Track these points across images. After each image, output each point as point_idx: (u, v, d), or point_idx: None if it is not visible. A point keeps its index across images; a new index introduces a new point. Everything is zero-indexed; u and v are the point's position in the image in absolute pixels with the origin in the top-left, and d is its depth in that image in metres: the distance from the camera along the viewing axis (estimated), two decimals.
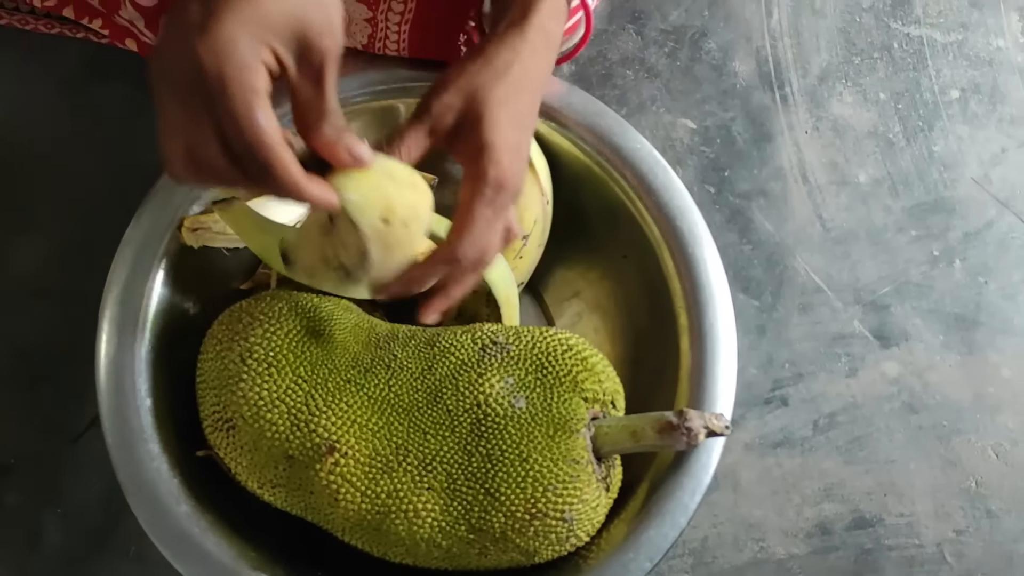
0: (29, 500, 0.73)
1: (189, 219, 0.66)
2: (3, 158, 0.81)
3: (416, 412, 0.59)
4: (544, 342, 0.61)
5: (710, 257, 0.69)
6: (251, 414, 0.58)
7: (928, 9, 0.94)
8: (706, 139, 0.87)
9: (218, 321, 0.63)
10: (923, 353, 0.82)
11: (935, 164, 0.88)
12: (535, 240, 0.72)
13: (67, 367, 0.76)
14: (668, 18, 0.91)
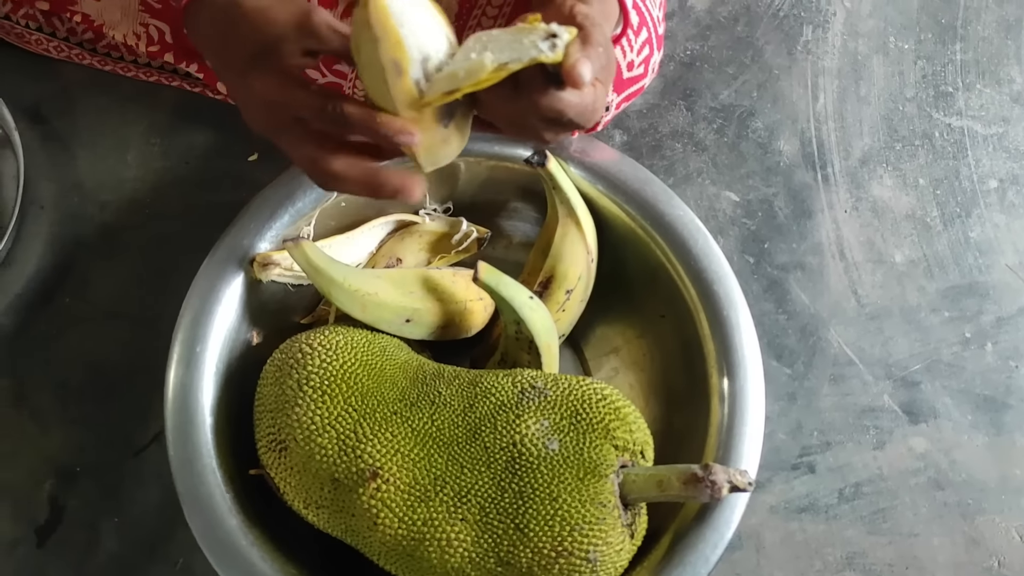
0: (90, 507, 0.77)
1: (260, 255, 0.71)
2: (97, 192, 0.87)
3: (455, 446, 0.62)
4: (580, 390, 0.64)
5: (744, 322, 0.72)
6: (303, 437, 0.62)
7: (970, 102, 0.97)
8: (748, 212, 0.90)
9: (279, 349, 0.68)
10: (951, 431, 0.83)
11: (971, 249, 0.90)
12: (578, 295, 0.75)
13: (135, 385, 0.80)
14: (718, 97, 0.95)
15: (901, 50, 0.98)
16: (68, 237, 0.85)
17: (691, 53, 0.96)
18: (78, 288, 0.84)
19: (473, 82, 0.52)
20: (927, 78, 0.97)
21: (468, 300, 0.73)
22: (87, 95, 0.90)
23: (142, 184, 0.88)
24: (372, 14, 0.51)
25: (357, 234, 0.76)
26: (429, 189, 0.78)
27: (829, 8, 1.00)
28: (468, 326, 0.74)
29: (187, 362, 0.68)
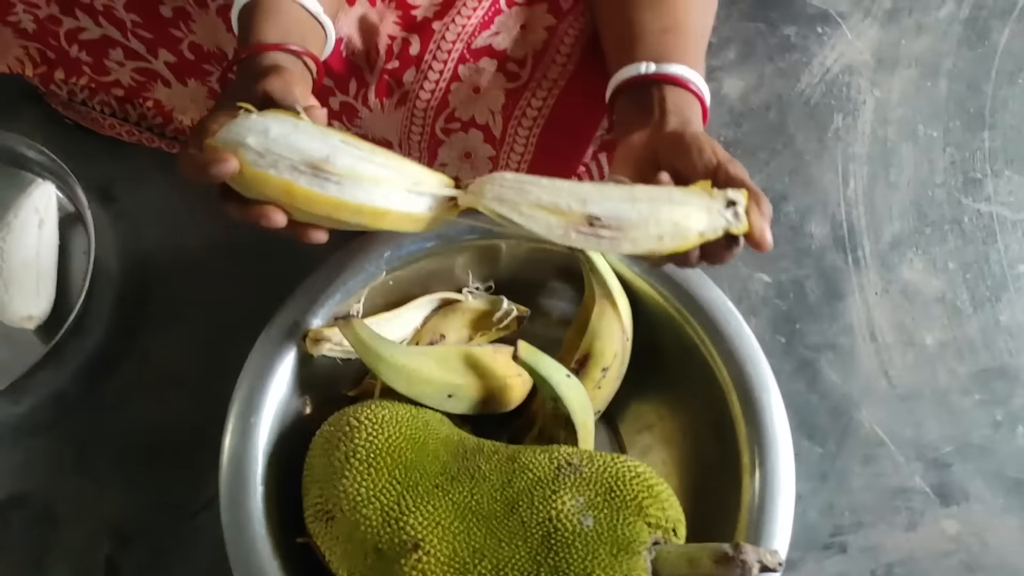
0: (143, 570, 0.79)
1: (313, 331, 0.75)
2: (160, 267, 0.92)
3: (494, 520, 0.64)
4: (614, 467, 0.67)
5: (775, 403, 0.73)
6: (349, 508, 0.65)
7: (999, 188, 0.99)
8: (780, 292, 0.93)
9: (328, 422, 0.71)
10: (983, 514, 0.83)
11: (1001, 333, 0.91)
12: (613, 373, 0.78)
13: (190, 451, 0.83)
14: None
15: (930, 137, 1.01)
16: (132, 309, 0.90)
17: (725, 139, 1.00)
18: (139, 358, 0.88)
19: (673, 250, 0.56)
20: (956, 164, 1.00)
21: (508, 376, 0.76)
22: (155, 175, 0.96)
23: (202, 259, 0.93)
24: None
25: (403, 311, 0.79)
26: (472, 269, 0.82)
27: (859, 97, 1.03)
28: (507, 401, 0.77)
29: (241, 432, 0.71)
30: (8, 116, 0.97)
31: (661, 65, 0.66)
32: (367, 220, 0.57)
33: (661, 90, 0.66)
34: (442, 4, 0.80)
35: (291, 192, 0.55)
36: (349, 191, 0.55)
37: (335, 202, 0.55)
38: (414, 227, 0.59)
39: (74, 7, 0.85)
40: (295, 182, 0.55)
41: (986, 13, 1.09)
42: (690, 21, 0.70)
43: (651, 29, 0.69)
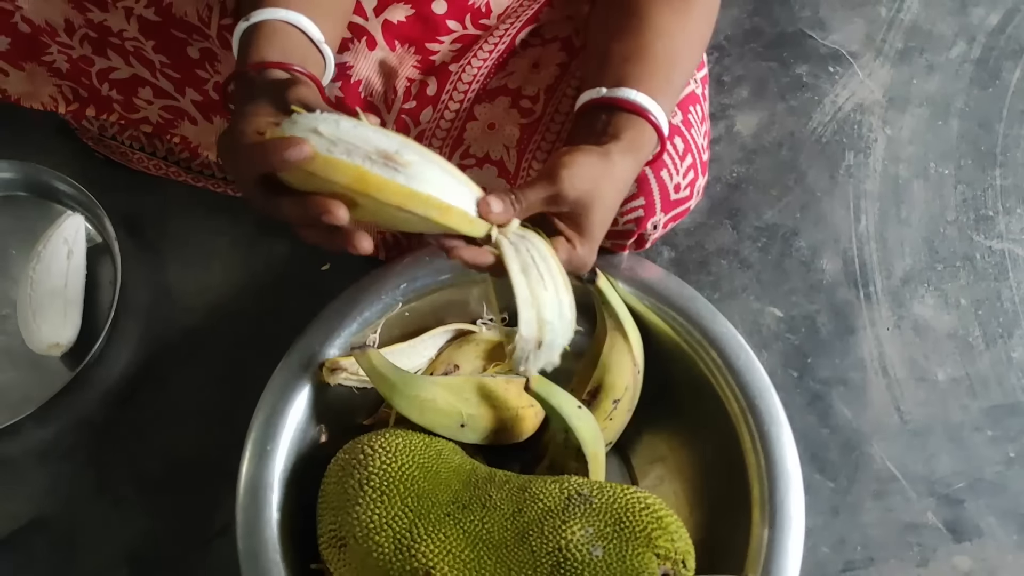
0: None
1: (330, 361, 0.76)
2: (184, 298, 0.94)
3: (504, 549, 0.65)
4: (624, 498, 0.67)
5: (785, 436, 0.74)
6: (362, 535, 0.66)
7: (1011, 226, 0.99)
8: (791, 327, 0.93)
9: (343, 450, 0.72)
10: (996, 551, 0.83)
11: (1013, 369, 0.91)
12: (625, 405, 0.79)
13: (208, 478, 0.85)
14: (763, 217, 0.99)
15: (941, 175, 1.02)
16: (155, 339, 0.92)
17: (737, 175, 1.01)
18: (161, 387, 0.90)
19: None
20: (967, 202, 1.01)
21: (520, 407, 0.77)
22: (180, 209, 0.99)
23: (224, 291, 0.95)
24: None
25: (418, 342, 0.81)
26: (487, 301, 0.83)
27: (871, 135, 1.04)
28: (519, 432, 0.78)
29: (258, 459, 0.73)
30: (41, 150, 1.00)
31: (613, 90, 0.68)
32: (433, 213, 0.56)
33: (609, 115, 0.68)
34: (459, 49, 0.83)
35: (364, 179, 0.54)
36: (418, 183, 0.55)
37: (407, 192, 0.55)
38: (471, 229, 0.59)
39: (106, 48, 0.88)
40: (369, 169, 0.54)
41: (997, 53, 1.10)
42: (656, 48, 0.71)
43: (615, 56, 0.71)
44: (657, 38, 0.72)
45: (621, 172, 0.67)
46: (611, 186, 0.66)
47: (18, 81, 0.93)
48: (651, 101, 0.67)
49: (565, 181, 0.62)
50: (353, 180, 0.54)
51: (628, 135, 0.66)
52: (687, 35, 0.75)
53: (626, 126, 0.67)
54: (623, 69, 0.69)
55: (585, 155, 0.64)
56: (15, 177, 0.97)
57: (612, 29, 0.73)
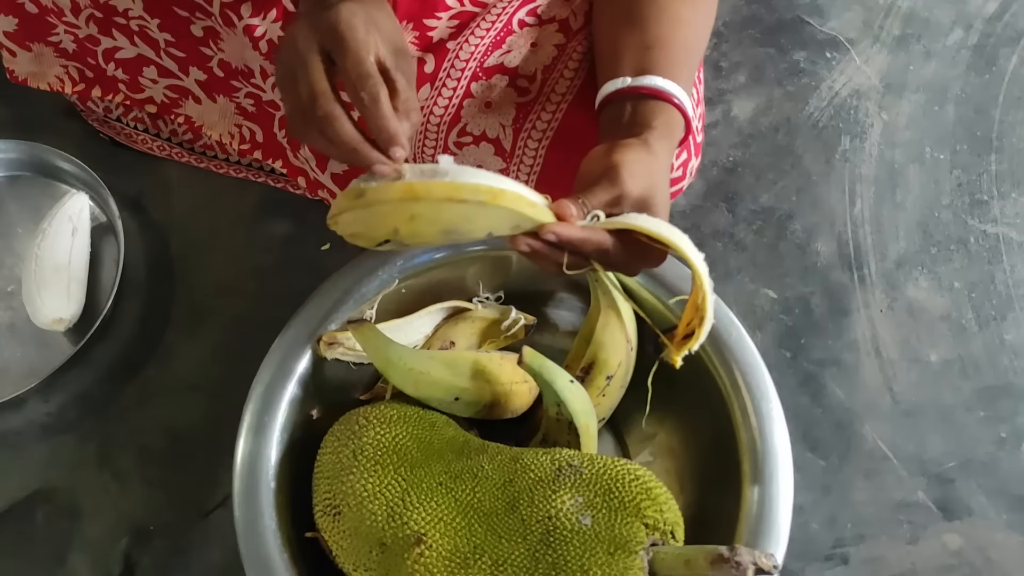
0: (160, 564, 0.81)
1: (327, 335, 0.77)
2: (186, 276, 0.95)
3: (494, 517, 0.65)
4: (614, 469, 0.67)
5: (775, 412, 0.74)
6: (356, 503, 0.66)
7: (1005, 210, 0.99)
8: (785, 308, 0.93)
9: (339, 421, 0.73)
10: (986, 529, 0.83)
11: (1006, 351, 0.91)
12: (618, 381, 0.79)
13: (207, 452, 0.86)
14: (758, 200, 0.99)
15: (937, 160, 1.02)
16: (157, 316, 0.93)
17: (733, 159, 1.02)
18: (163, 362, 0.91)
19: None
20: (962, 187, 1.01)
21: (513, 382, 0.78)
22: (183, 189, 1.00)
23: (225, 269, 0.95)
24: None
25: (414, 318, 0.81)
26: (483, 279, 0.84)
27: (867, 120, 1.04)
28: (513, 407, 0.78)
29: (256, 430, 0.73)
30: (47, 131, 1.01)
31: (638, 78, 0.68)
32: (485, 196, 0.57)
33: (635, 103, 0.68)
34: (457, 27, 0.83)
35: (412, 189, 0.56)
36: (462, 177, 0.57)
37: (453, 185, 0.56)
38: (531, 210, 0.59)
39: (111, 27, 0.88)
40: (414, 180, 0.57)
41: (994, 40, 1.10)
42: (675, 36, 0.71)
43: (634, 45, 0.71)
44: (674, 27, 0.72)
45: (665, 160, 0.67)
46: (663, 176, 0.66)
47: (25, 62, 0.93)
48: (676, 86, 0.67)
49: (627, 181, 0.62)
50: (403, 192, 0.57)
51: (659, 122, 0.66)
52: (698, 23, 0.75)
53: (655, 113, 0.67)
54: (645, 57, 0.69)
55: (634, 151, 0.64)
56: (21, 157, 0.98)
57: (627, 19, 0.73)
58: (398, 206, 0.57)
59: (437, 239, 0.59)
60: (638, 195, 0.62)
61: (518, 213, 0.58)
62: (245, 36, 0.83)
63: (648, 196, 0.63)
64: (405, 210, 0.57)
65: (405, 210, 0.57)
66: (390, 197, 0.57)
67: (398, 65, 0.62)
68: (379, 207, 0.57)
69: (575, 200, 0.61)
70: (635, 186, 0.62)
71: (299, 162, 0.89)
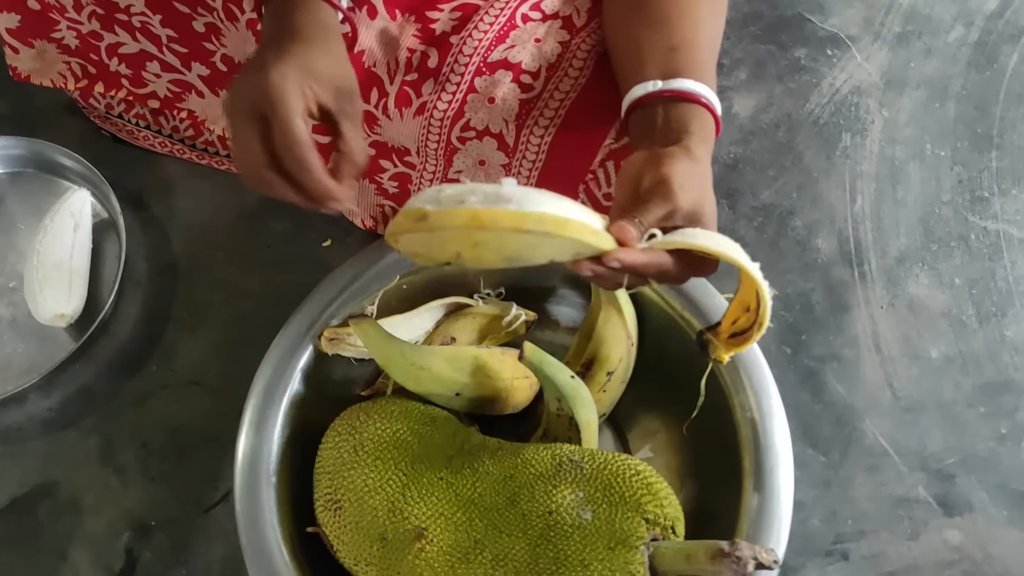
0: (161, 560, 0.81)
1: (328, 330, 0.77)
2: (187, 271, 0.95)
3: (495, 512, 0.65)
4: (615, 464, 0.67)
5: (776, 408, 0.74)
6: (357, 498, 0.67)
7: (1006, 207, 0.99)
8: (786, 305, 0.93)
9: (340, 417, 0.73)
10: (986, 525, 0.83)
11: (1006, 347, 0.91)
12: (618, 377, 0.79)
13: (208, 448, 0.86)
14: (759, 197, 0.99)
15: (938, 157, 1.02)
16: (158, 312, 0.93)
17: (734, 156, 1.01)
18: (164, 358, 0.91)
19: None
20: (963, 183, 1.00)
21: (514, 378, 0.78)
22: (184, 185, 1.00)
23: (227, 265, 0.95)
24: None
25: (415, 314, 0.81)
26: (483, 275, 0.84)
27: (868, 117, 1.04)
28: (514, 402, 0.78)
29: (257, 426, 0.74)
30: (49, 127, 1.01)
31: (668, 82, 0.68)
32: (550, 227, 0.55)
33: (667, 107, 0.67)
34: (460, 19, 0.83)
35: (477, 216, 0.54)
36: (528, 205, 0.55)
37: (519, 215, 0.54)
38: (594, 238, 0.57)
39: (113, 24, 0.88)
40: (479, 207, 0.54)
41: (995, 37, 1.10)
42: (698, 37, 0.71)
43: (659, 47, 0.70)
44: (698, 28, 0.72)
45: (708, 167, 0.66)
46: (710, 185, 0.65)
47: (28, 58, 0.93)
48: (707, 88, 0.67)
49: (679, 195, 0.61)
50: (468, 219, 0.54)
51: (695, 126, 0.66)
52: (716, 23, 0.75)
53: (690, 117, 0.66)
54: (672, 60, 0.69)
55: (681, 162, 0.63)
56: (23, 153, 0.99)
57: (648, 20, 0.73)
58: (462, 232, 0.55)
59: (499, 264, 0.58)
60: (689, 208, 0.61)
61: (582, 243, 0.57)
62: (248, 30, 0.83)
63: (699, 207, 0.62)
64: (469, 237, 0.55)
65: (469, 237, 0.55)
66: (454, 223, 0.55)
67: (341, 108, 0.63)
68: (442, 232, 0.56)
69: (632, 220, 0.59)
70: (686, 199, 0.61)
71: None
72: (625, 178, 0.65)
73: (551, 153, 0.79)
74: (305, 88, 0.61)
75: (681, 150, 0.64)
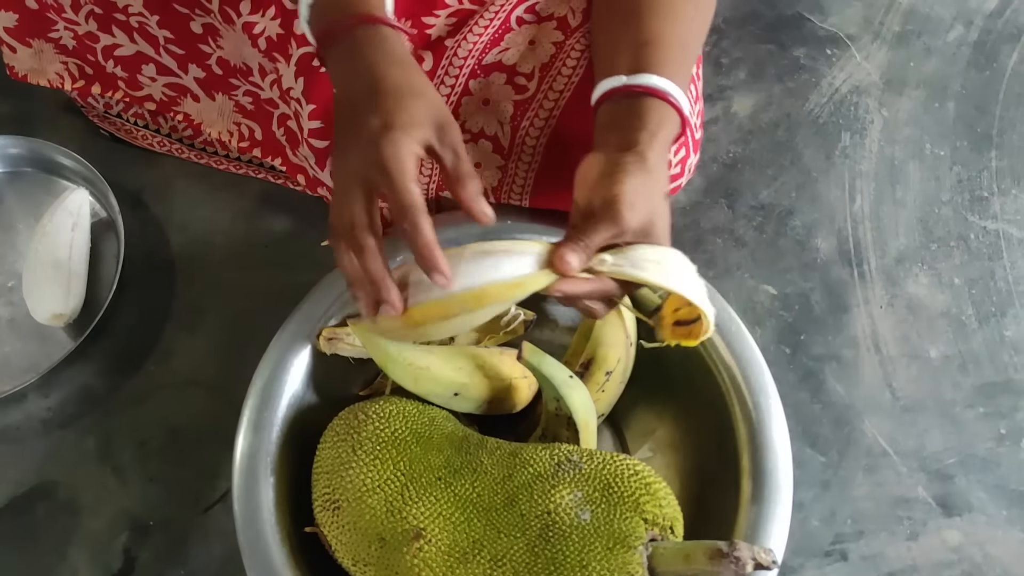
0: (159, 559, 0.81)
1: (327, 330, 0.76)
2: (186, 271, 0.95)
3: (494, 512, 0.65)
4: (613, 465, 0.67)
5: (774, 407, 0.74)
6: (355, 497, 0.66)
7: (1006, 207, 0.99)
8: (785, 305, 0.93)
9: (338, 416, 0.72)
10: (985, 525, 0.83)
11: (1006, 348, 0.91)
12: (617, 377, 0.79)
13: (206, 448, 0.86)
14: (758, 196, 0.99)
15: (937, 156, 1.02)
16: (157, 311, 0.93)
17: (733, 155, 1.01)
18: (162, 358, 0.91)
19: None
20: (962, 183, 1.00)
21: (513, 378, 0.77)
22: (183, 185, 1.00)
23: (226, 265, 0.95)
24: None
25: None
26: None
27: (867, 117, 1.04)
28: (512, 402, 0.78)
29: (255, 425, 0.73)
30: (48, 127, 1.01)
31: (633, 77, 0.67)
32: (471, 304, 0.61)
33: (631, 103, 0.67)
34: (455, 24, 0.83)
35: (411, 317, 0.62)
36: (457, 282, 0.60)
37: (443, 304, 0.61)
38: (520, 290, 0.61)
39: (111, 24, 0.88)
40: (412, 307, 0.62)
41: (994, 37, 1.10)
42: (671, 33, 0.71)
43: (629, 42, 0.70)
44: (671, 23, 0.71)
45: (662, 175, 0.66)
46: (663, 198, 0.66)
47: (26, 58, 0.93)
48: (672, 85, 0.67)
49: (627, 216, 0.61)
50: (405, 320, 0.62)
51: (654, 123, 0.66)
52: (695, 18, 0.75)
53: (651, 114, 0.66)
54: (641, 55, 0.68)
55: (632, 177, 0.63)
56: (21, 153, 0.98)
57: (623, 15, 0.73)
58: (405, 331, 0.63)
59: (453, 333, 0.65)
60: (638, 226, 0.62)
61: (508, 301, 0.62)
62: (244, 33, 0.83)
63: (648, 224, 0.63)
64: (412, 332, 0.63)
65: (412, 332, 0.63)
66: (395, 326, 0.62)
67: (441, 140, 0.62)
68: (390, 334, 0.65)
69: (577, 246, 0.61)
70: (635, 218, 0.62)
71: (298, 160, 0.89)
72: (582, 181, 0.66)
73: (547, 154, 0.78)
74: (414, 147, 0.60)
75: (635, 160, 0.64)
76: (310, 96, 0.80)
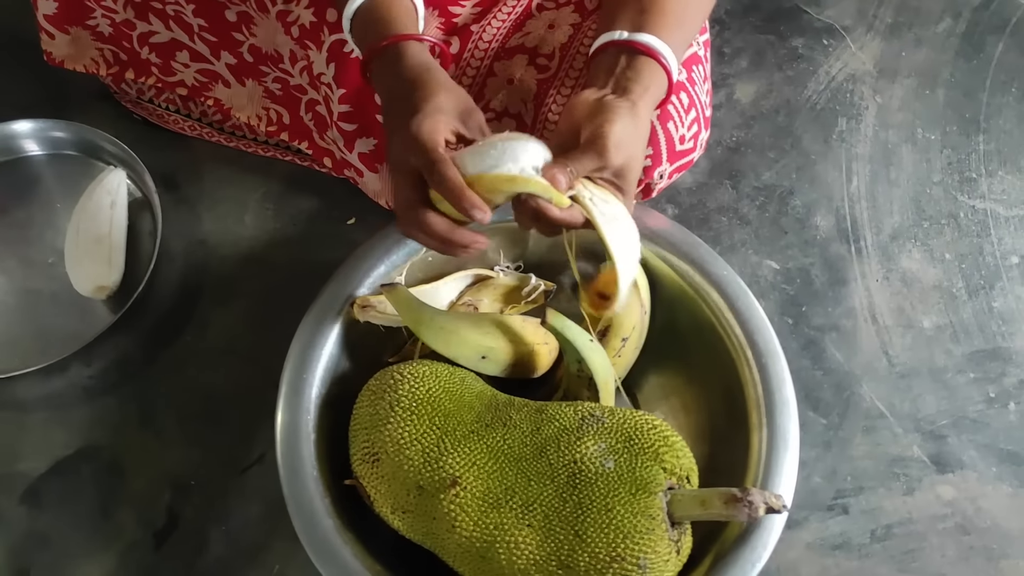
0: (201, 515, 0.85)
1: (360, 298, 0.80)
2: (218, 248, 0.99)
3: (524, 462, 0.69)
4: (633, 419, 0.71)
5: (780, 369, 0.78)
6: (394, 450, 0.70)
7: (993, 187, 1.04)
8: (787, 279, 0.98)
9: (374, 377, 0.76)
10: (977, 481, 0.87)
11: (994, 318, 0.96)
12: (632, 343, 0.83)
13: (242, 413, 0.89)
14: (761, 177, 1.04)
15: (928, 140, 1.07)
16: (192, 285, 0.97)
17: (737, 139, 1.06)
18: (198, 328, 0.94)
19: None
20: (952, 165, 1.05)
21: (536, 344, 0.81)
22: (214, 166, 1.03)
23: (256, 242, 0.99)
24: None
25: (440, 284, 0.85)
26: (503, 249, 0.88)
27: (862, 103, 1.09)
28: (535, 366, 0.82)
29: (295, 387, 0.77)
30: (84, 112, 1.04)
31: (633, 34, 0.72)
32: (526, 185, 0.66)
33: (628, 56, 0.72)
34: (480, 12, 0.87)
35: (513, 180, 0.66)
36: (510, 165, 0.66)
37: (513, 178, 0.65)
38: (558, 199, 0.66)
39: (148, 12, 0.92)
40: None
41: (982, 28, 1.15)
42: (669, 7, 0.75)
43: (631, 8, 0.74)
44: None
45: (645, 123, 0.71)
46: (642, 142, 0.71)
47: (63, 44, 0.97)
48: (666, 47, 0.71)
49: (612, 153, 0.67)
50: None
51: (645, 78, 0.70)
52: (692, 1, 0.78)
53: (643, 69, 0.71)
54: (641, 18, 0.73)
55: (622, 119, 0.68)
56: (61, 135, 1.01)
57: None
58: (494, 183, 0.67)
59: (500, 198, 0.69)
60: (619, 166, 0.68)
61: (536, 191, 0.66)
62: (278, 21, 0.86)
63: (626, 166, 0.69)
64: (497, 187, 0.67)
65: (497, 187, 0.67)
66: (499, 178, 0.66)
67: (469, 124, 0.69)
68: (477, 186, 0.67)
69: (564, 169, 0.66)
70: (618, 158, 0.68)
71: (325, 143, 0.92)
72: (568, 114, 0.71)
73: None
74: (439, 125, 0.67)
75: (626, 105, 0.69)
76: (341, 81, 0.83)
